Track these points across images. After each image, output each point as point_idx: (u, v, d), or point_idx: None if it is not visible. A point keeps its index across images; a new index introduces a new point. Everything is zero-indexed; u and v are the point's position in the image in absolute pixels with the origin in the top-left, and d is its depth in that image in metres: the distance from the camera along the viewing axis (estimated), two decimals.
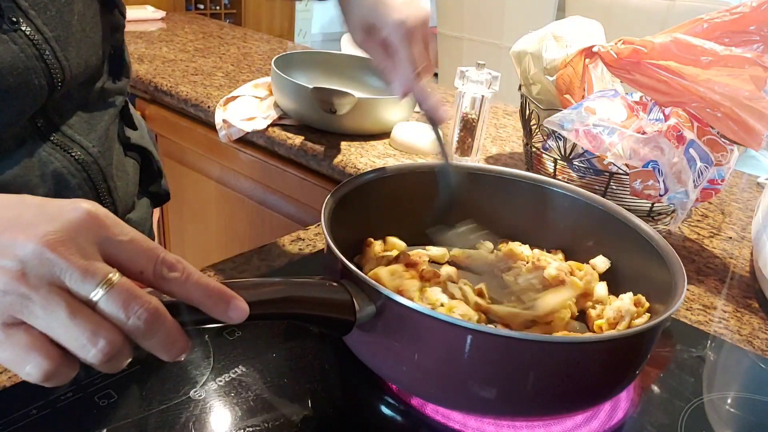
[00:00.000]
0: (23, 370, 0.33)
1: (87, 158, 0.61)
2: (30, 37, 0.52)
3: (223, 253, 1.31)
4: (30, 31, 0.52)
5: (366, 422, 0.51)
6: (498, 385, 0.47)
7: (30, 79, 0.53)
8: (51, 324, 0.33)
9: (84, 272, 0.33)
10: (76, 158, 0.60)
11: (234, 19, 4.47)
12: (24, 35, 0.52)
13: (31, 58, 0.53)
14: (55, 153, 0.58)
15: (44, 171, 0.57)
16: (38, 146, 0.57)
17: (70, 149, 0.59)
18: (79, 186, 0.60)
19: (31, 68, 0.53)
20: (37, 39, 0.53)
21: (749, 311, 0.72)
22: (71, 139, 0.60)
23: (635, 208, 0.84)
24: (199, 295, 0.37)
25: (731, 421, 0.56)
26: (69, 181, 0.59)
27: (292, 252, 0.73)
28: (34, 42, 0.53)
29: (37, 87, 0.54)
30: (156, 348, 0.35)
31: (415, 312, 0.45)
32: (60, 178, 0.58)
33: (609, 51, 0.79)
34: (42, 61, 0.53)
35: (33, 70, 0.53)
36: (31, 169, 0.57)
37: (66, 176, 0.59)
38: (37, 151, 0.57)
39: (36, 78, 0.53)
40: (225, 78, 1.34)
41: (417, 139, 1.05)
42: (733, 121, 0.73)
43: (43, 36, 0.53)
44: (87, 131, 0.62)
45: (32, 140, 0.57)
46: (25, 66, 0.52)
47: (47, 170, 0.57)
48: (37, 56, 0.53)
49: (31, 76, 0.53)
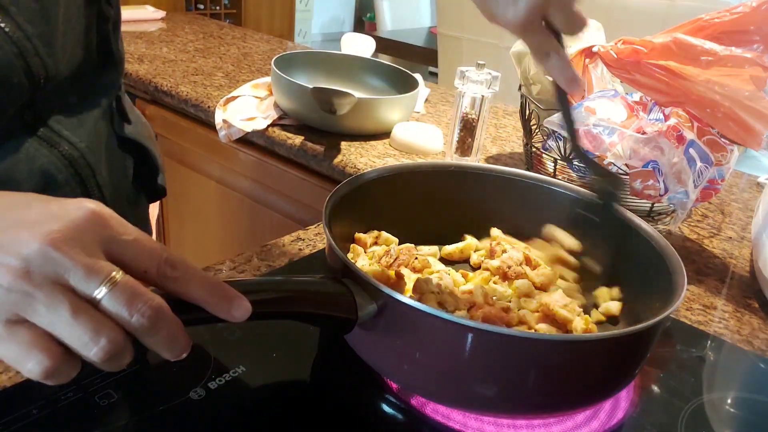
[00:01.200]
0: (25, 367, 0.33)
1: (74, 153, 0.60)
2: (10, 34, 0.51)
3: (223, 253, 1.31)
4: (9, 29, 0.51)
5: (366, 422, 0.51)
6: (500, 383, 0.47)
7: (9, 77, 0.52)
8: (54, 322, 0.33)
9: (88, 270, 0.33)
10: (64, 154, 0.59)
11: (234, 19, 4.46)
12: (3, 32, 0.50)
13: (10, 56, 0.51)
14: (41, 149, 0.57)
15: (31, 167, 0.56)
16: (25, 141, 0.56)
17: (58, 145, 0.58)
18: (66, 182, 0.59)
19: (9, 66, 0.51)
20: (17, 36, 0.51)
21: (749, 311, 0.72)
22: (59, 135, 0.59)
23: (635, 208, 0.84)
24: (203, 293, 0.37)
25: (731, 421, 0.56)
26: (56, 176, 0.58)
27: (292, 252, 0.73)
28: (14, 40, 0.51)
29: (17, 85, 0.52)
30: (159, 346, 0.35)
31: (417, 310, 0.45)
32: (47, 174, 0.57)
33: (609, 51, 0.79)
34: (22, 59, 0.52)
35: (12, 68, 0.51)
36: (18, 164, 0.56)
37: (53, 172, 0.58)
38: (24, 147, 0.56)
39: (15, 76, 0.52)
40: (225, 78, 1.34)
41: (417, 139, 1.05)
42: (733, 121, 0.73)
43: (24, 33, 0.52)
44: (75, 126, 0.61)
45: (19, 135, 0.56)
46: (3, 64, 0.51)
47: (34, 166, 0.57)
48: (17, 54, 0.51)
49: (10, 74, 0.52)
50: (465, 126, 1.00)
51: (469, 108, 0.98)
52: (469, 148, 1.01)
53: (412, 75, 1.20)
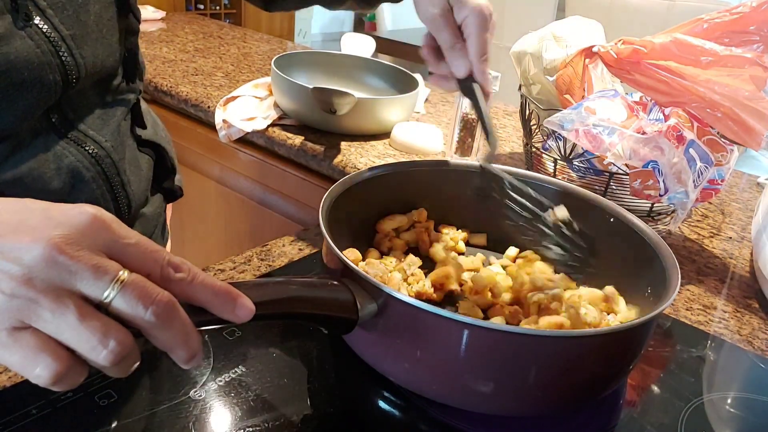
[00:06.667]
0: (33, 373, 0.32)
1: (100, 152, 0.62)
2: (46, 34, 0.54)
3: (223, 253, 1.31)
4: (47, 29, 0.54)
5: (366, 421, 0.51)
6: (499, 380, 0.47)
7: (45, 75, 0.54)
8: (60, 327, 0.32)
9: (95, 271, 0.33)
10: (90, 152, 0.61)
11: (234, 19, 4.46)
12: (40, 32, 0.53)
13: (47, 54, 0.54)
14: (69, 147, 0.59)
15: (59, 165, 0.58)
16: (53, 140, 0.58)
17: (84, 144, 0.60)
18: (94, 179, 0.61)
19: (46, 64, 0.54)
20: (53, 36, 0.54)
21: (749, 311, 0.72)
22: (84, 134, 0.61)
23: (635, 208, 0.83)
24: (207, 295, 0.37)
25: (731, 421, 0.56)
26: (83, 174, 0.60)
27: (292, 252, 0.73)
28: (50, 39, 0.54)
29: (52, 82, 0.55)
30: (172, 342, 0.35)
31: (417, 309, 0.45)
32: (75, 172, 0.59)
33: (609, 51, 0.79)
34: (57, 58, 0.55)
35: (48, 65, 0.54)
36: (47, 162, 0.58)
37: (80, 170, 0.60)
38: (52, 146, 0.58)
39: (51, 73, 0.55)
40: (225, 78, 1.34)
41: (417, 139, 1.05)
42: (733, 121, 0.73)
43: (59, 33, 0.55)
44: (100, 126, 0.63)
45: (47, 134, 0.58)
46: (41, 61, 0.53)
47: (62, 164, 0.59)
48: (53, 52, 0.54)
49: (46, 71, 0.54)
50: (465, 126, 1.00)
51: (469, 108, 0.98)
52: (469, 148, 1.01)
53: (412, 75, 1.20)
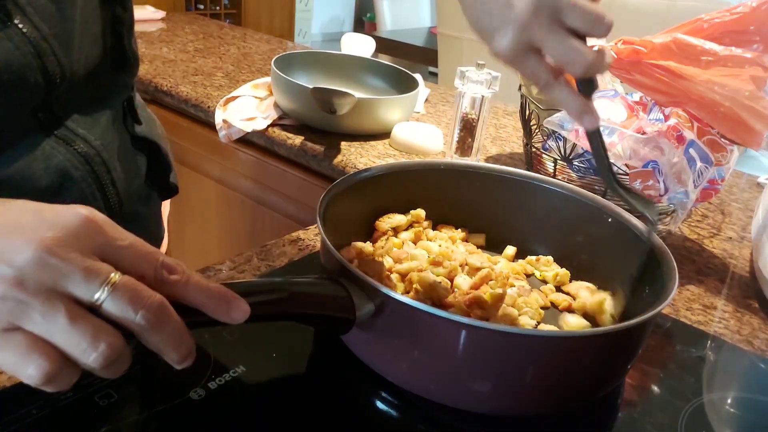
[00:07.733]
0: (25, 372, 0.33)
1: (90, 151, 0.60)
2: (27, 35, 0.51)
3: (223, 253, 1.31)
4: (27, 30, 0.51)
5: (365, 421, 0.51)
6: (495, 380, 0.47)
7: (26, 76, 0.52)
8: (51, 330, 0.32)
9: (86, 273, 0.33)
10: (79, 151, 0.59)
11: (234, 19, 4.46)
12: (20, 32, 0.51)
13: (27, 56, 0.52)
14: (58, 146, 0.58)
15: (48, 164, 0.57)
16: (41, 140, 0.57)
17: (73, 143, 0.59)
18: (83, 178, 0.60)
19: (26, 66, 0.52)
20: (33, 37, 0.52)
21: (749, 311, 0.72)
22: (74, 133, 0.59)
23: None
24: (202, 296, 0.37)
25: (731, 421, 0.56)
26: (72, 173, 0.59)
27: (292, 252, 0.73)
28: (31, 40, 0.52)
29: (33, 84, 0.53)
30: (164, 344, 0.35)
31: (415, 309, 0.45)
32: (63, 172, 0.58)
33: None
34: (38, 59, 0.53)
35: (28, 67, 0.52)
36: (35, 162, 0.56)
37: (69, 169, 0.59)
38: (41, 145, 0.57)
39: (32, 75, 0.53)
40: (225, 78, 1.34)
41: (417, 139, 1.05)
42: (733, 121, 0.73)
43: (41, 33, 0.52)
44: (90, 124, 0.61)
45: (35, 134, 0.57)
46: (20, 63, 0.51)
47: (51, 164, 0.57)
48: (33, 54, 0.52)
49: (27, 73, 0.52)
50: (465, 126, 1.00)
51: (469, 108, 0.98)
52: (469, 148, 1.01)
53: (412, 75, 1.20)
